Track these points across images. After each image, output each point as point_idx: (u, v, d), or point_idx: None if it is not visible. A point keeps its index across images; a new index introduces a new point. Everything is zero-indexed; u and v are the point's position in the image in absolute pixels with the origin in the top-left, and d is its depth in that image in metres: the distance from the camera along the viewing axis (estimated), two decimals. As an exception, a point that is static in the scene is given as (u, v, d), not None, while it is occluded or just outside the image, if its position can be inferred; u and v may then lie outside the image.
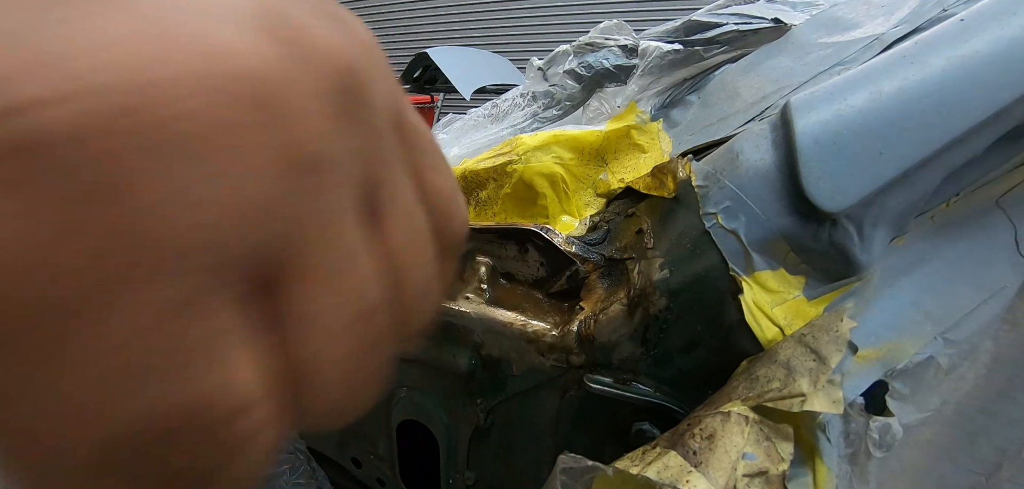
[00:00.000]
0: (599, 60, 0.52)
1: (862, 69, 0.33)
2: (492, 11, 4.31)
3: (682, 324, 0.37)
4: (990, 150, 0.33)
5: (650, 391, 0.38)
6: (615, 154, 0.49)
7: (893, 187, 0.32)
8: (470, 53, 2.86)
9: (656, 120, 0.48)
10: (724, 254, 0.35)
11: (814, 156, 0.32)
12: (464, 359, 0.46)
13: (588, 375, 0.40)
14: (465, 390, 0.47)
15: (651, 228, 0.40)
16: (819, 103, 0.33)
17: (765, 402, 0.31)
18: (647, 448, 0.32)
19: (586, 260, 0.43)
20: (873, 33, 0.41)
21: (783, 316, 0.34)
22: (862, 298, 0.34)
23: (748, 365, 0.34)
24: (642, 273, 0.38)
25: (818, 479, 0.31)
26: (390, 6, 4.78)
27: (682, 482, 0.28)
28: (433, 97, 3.18)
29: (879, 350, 0.34)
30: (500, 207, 0.51)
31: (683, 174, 0.38)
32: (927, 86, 0.31)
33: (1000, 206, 0.36)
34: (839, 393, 0.30)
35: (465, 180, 0.52)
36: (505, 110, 0.58)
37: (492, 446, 0.48)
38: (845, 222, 0.32)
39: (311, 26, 0.11)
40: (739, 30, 0.48)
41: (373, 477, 0.59)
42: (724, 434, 0.30)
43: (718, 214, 0.35)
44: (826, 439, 0.31)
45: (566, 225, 0.48)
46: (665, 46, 0.49)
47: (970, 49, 0.31)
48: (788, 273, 0.34)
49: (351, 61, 0.11)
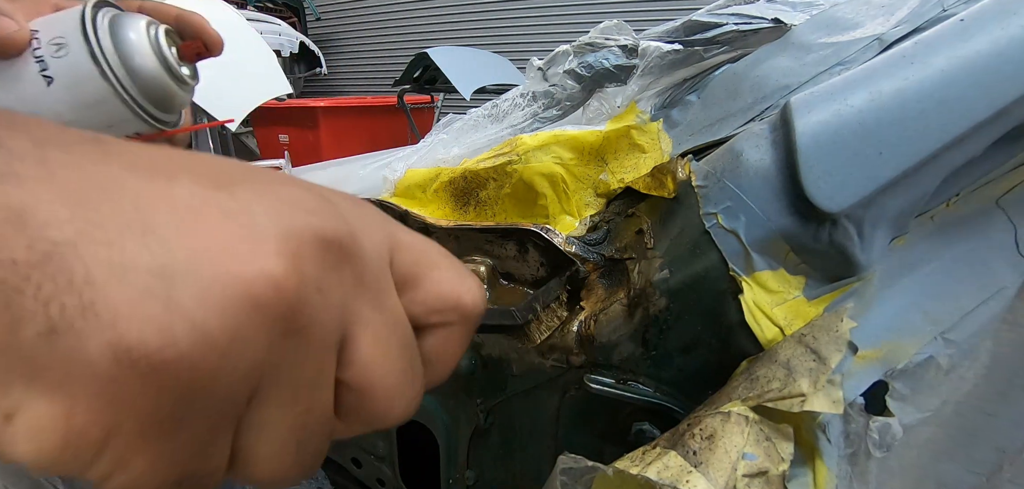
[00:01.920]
0: (599, 60, 0.52)
1: (862, 69, 0.33)
2: (492, 11, 4.31)
3: (682, 324, 0.37)
4: (990, 150, 0.33)
5: (650, 391, 0.38)
6: (615, 154, 0.48)
7: (893, 187, 0.32)
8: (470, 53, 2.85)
9: (656, 120, 0.48)
10: (724, 254, 0.35)
11: (814, 156, 0.32)
12: (464, 359, 0.46)
13: (588, 375, 0.40)
14: (465, 390, 0.47)
15: (651, 228, 0.40)
16: (819, 103, 0.33)
17: (765, 402, 0.31)
18: (647, 448, 0.32)
19: (586, 260, 0.43)
20: (873, 33, 0.41)
21: (783, 316, 0.34)
22: (862, 298, 0.34)
23: (748, 365, 0.34)
24: (642, 273, 0.38)
25: (818, 479, 0.31)
26: (390, 6, 4.77)
27: (682, 482, 0.28)
28: (433, 97, 3.18)
29: (879, 350, 0.34)
30: (500, 207, 0.51)
31: (683, 174, 0.38)
32: (927, 86, 0.31)
33: (1000, 206, 0.36)
34: (839, 393, 0.30)
35: (465, 180, 0.52)
36: (505, 110, 0.58)
37: (492, 446, 0.48)
38: (845, 222, 0.32)
39: (307, 225, 0.15)
40: (739, 30, 0.48)
41: (373, 477, 0.59)
42: (724, 434, 0.30)
43: (718, 214, 0.35)
44: (826, 439, 0.31)
45: (566, 225, 0.48)
46: (665, 46, 0.49)
47: (970, 49, 0.31)
48: (788, 273, 0.34)
49: (336, 237, 0.15)
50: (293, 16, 4.58)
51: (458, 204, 0.53)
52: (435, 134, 0.63)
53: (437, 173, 0.54)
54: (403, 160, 0.59)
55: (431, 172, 0.55)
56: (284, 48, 3.52)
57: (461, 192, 0.53)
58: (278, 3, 4.52)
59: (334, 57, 5.12)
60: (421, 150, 0.60)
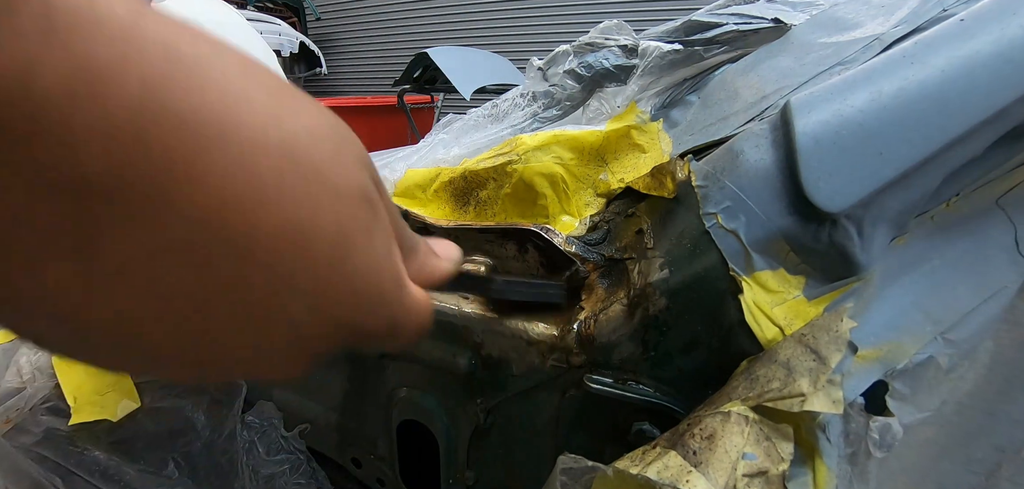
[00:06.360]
0: (599, 60, 0.52)
1: (862, 69, 0.33)
2: (492, 11, 4.31)
3: (682, 324, 0.37)
4: (990, 150, 0.33)
5: (650, 391, 0.38)
6: (615, 154, 0.48)
7: (893, 187, 0.32)
8: (470, 53, 2.85)
9: (656, 120, 0.48)
10: (724, 254, 0.35)
11: (814, 156, 0.32)
12: (464, 359, 0.46)
13: (588, 375, 0.40)
14: (465, 390, 0.47)
15: (651, 228, 0.40)
16: (819, 103, 0.33)
17: (765, 402, 0.31)
18: (647, 448, 0.32)
19: (586, 260, 0.43)
20: (873, 33, 0.41)
21: (783, 316, 0.34)
22: (862, 298, 0.34)
23: (748, 365, 0.34)
24: (642, 273, 0.38)
25: (818, 479, 0.31)
26: (390, 6, 4.78)
27: (682, 482, 0.28)
28: (433, 97, 3.18)
29: (879, 350, 0.34)
30: (500, 207, 0.51)
31: (683, 174, 0.38)
32: (927, 86, 0.31)
33: (1000, 206, 0.36)
34: (839, 393, 0.30)
35: (465, 180, 0.52)
36: (505, 110, 0.58)
37: (492, 446, 0.48)
38: (845, 222, 0.32)
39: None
40: (739, 30, 0.48)
41: (373, 477, 0.59)
42: (724, 434, 0.30)
43: (718, 214, 0.35)
44: (826, 439, 0.31)
45: (566, 225, 0.48)
46: (665, 46, 0.49)
47: (970, 49, 0.31)
48: (788, 273, 0.34)
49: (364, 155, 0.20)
50: (293, 16, 4.58)
51: (458, 204, 0.53)
52: (435, 134, 0.63)
53: (437, 173, 0.54)
54: (403, 160, 0.59)
55: (431, 172, 0.55)
56: (284, 48, 3.53)
57: (461, 192, 0.53)
58: (278, 3, 4.51)
59: (334, 57, 5.12)
60: (421, 150, 0.60)
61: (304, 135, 0.16)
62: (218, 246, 0.14)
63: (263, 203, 0.14)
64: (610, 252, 0.43)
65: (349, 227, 0.17)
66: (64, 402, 0.60)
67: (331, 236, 0.16)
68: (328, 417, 0.60)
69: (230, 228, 0.14)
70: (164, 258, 0.13)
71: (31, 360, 0.63)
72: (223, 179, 0.13)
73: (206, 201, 0.13)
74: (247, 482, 0.66)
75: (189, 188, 0.13)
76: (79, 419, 0.60)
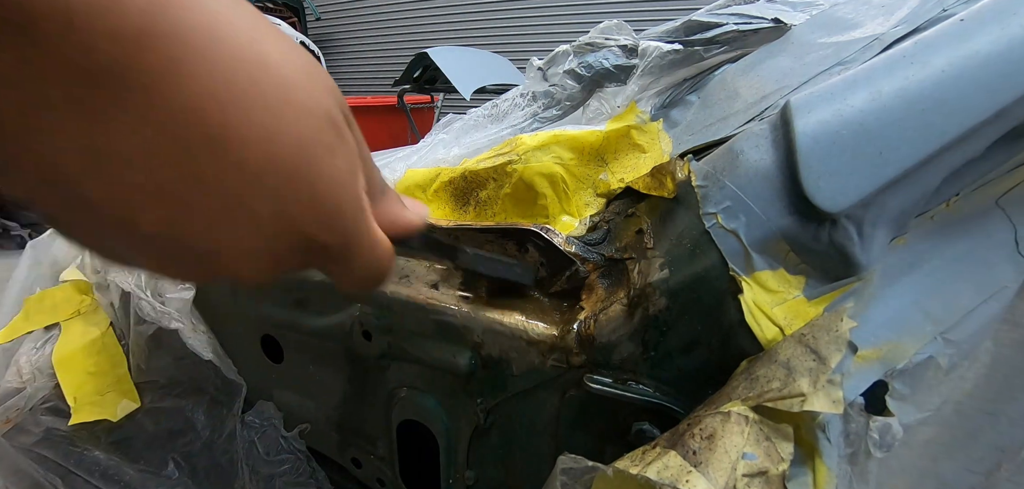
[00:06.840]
0: (599, 60, 0.52)
1: (862, 69, 0.33)
2: (492, 11, 4.31)
3: (682, 324, 0.37)
4: (990, 150, 0.33)
5: (650, 391, 0.38)
6: (615, 154, 0.48)
7: (893, 187, 0.32)
8: (470, 53, 2.85)
9: (656, 120, 0.48)
10: (724, 254, 0.35)
11: (814, 156, 0.32)
12: (464, 359, 0.46)
13: (588, 375, 0.40)
14: (465, 390, 0.47)
15: (651, 228, 0.40)
16: (819, 103, 0.33)
17: (765, 402, 0.31)
18: (647, 448, 0.32)
19: (586, 260, 0.43)
20: (873, 33, 0.41)
21: (783, 316, 0.34)
22: (862, 298, 0.34)
23: (748, 365, 0.34)
24: (642, 273, 0.38)
25: (818, 479, 0.31)
26: (390, 6, 4.78)
27: (682, 482, 0.28)
28: (433, 97, 3.18)
29: (879, 350, 0.34)
30: (500, 207, 0.51)
31: (683, 174, 0.38)
32: (927, 86, 0.31)
33: (1000, 206, 0.36)
34: (839, 393, 0.30)
35: (465, 180, 0.52)
36: (505, 110, 0.58)
37: (492, 446, 0.48)
38: (845, 222, 0.32)
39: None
40: (739, 30, 0.48)
41: (373, 477, 0.59)
42: (724, 434, 0.30)
43: (718, 214, 0.35)
44: (826, 439, 0.31)
45: (566, 225, 0.48)
46: (665, 46, 0.49)
47: (970, 49, 0.31)
48: (788, 273, 0.34)
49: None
50: (293, 16, 4.58)
51: (458, 204, 0.53)
52: (435, 134, 0.63)
53: (437, 173, 0.54)
54: (403, 160, 0.59)
55: (431, 172, 0.55)
56: (284, 48, 3.51)
57: (461, 192, 0.53)
58: (278, 3, 4.51)
59: (334, 57, 5.12)
60: (421, 150, 0.60)
61: (277, 56, 0.18)
62: (198, 138, 0.16)
63: (236, 103, 0.17)
64: (610, 252, 0.43)
65: (312, 141, 0.19)
66: (64, 402, 0.60)
67: (294, 145, 0.19)
68: (328, 417, 0.60)
69: (208, 121, 0.16)
70: (154, 144, 0.16)
71: (31, 360, 0.63)
72: (204, 81, 0.16)
73: (188, 97, 0.16)
74: (247, 482, 0.66)
75: (177, 82, 0.16)
76: (79, 419, 0.60)
